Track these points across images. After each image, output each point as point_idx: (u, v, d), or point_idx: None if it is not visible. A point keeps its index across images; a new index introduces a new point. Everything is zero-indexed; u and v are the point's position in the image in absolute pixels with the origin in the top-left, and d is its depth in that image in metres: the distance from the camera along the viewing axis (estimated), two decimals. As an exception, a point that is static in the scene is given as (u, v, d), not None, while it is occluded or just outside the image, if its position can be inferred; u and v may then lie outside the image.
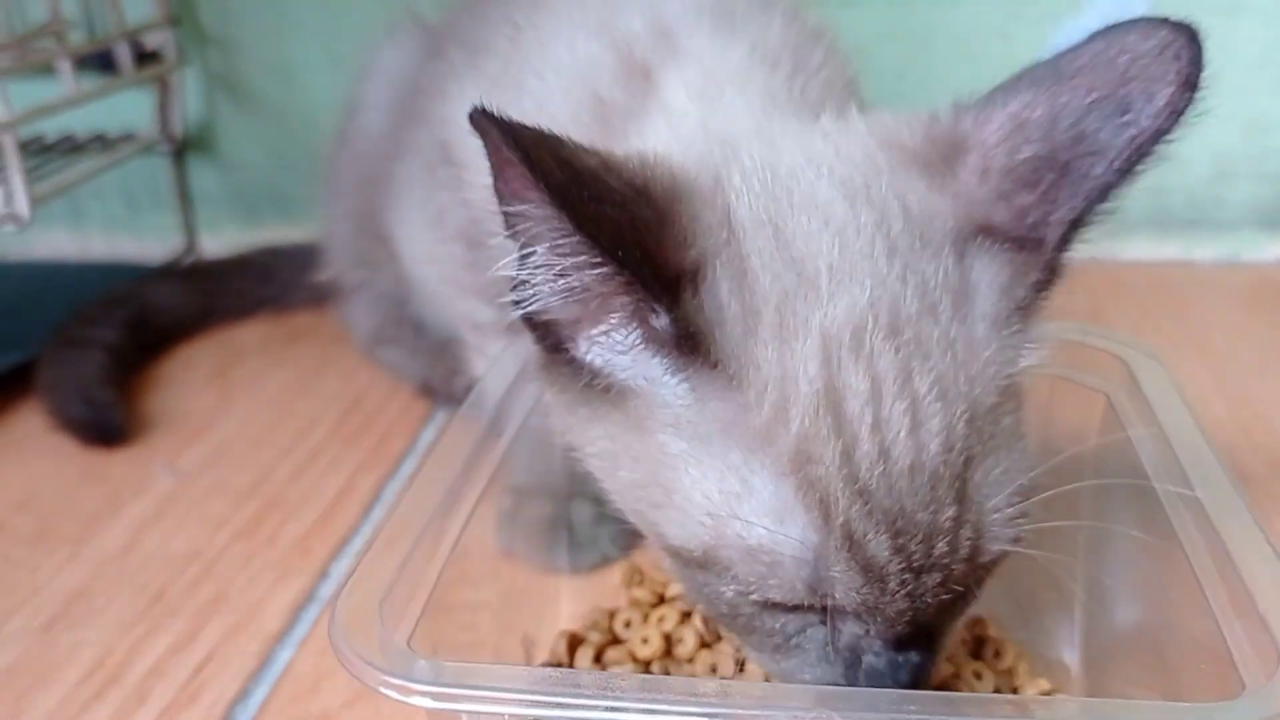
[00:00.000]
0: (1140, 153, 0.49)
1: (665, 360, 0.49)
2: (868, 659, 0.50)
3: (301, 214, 1.38)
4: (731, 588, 0.49)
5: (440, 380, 1.03)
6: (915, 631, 0.49)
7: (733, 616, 0.52)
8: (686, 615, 0.67)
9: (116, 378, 1.07)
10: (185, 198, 1.44)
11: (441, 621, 0.55)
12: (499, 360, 0.73)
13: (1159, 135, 0.48)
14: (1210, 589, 0.48)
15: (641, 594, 0.70)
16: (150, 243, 1.46)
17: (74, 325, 1.11)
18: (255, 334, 1.23)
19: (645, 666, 0.64)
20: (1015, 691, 0.62)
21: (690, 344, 0.48)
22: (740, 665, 0.63)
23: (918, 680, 0.50)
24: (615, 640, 0.67)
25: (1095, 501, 0.62)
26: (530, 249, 0.47)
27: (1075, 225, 0.50)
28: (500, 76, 0.72)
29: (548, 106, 0.67)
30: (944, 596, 0.48)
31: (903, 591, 0.47)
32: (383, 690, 0.43)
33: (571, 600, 0.74)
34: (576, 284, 0.47)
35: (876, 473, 0.46)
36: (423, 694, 0.43)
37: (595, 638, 0.66)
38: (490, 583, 0.69)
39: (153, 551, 0.85)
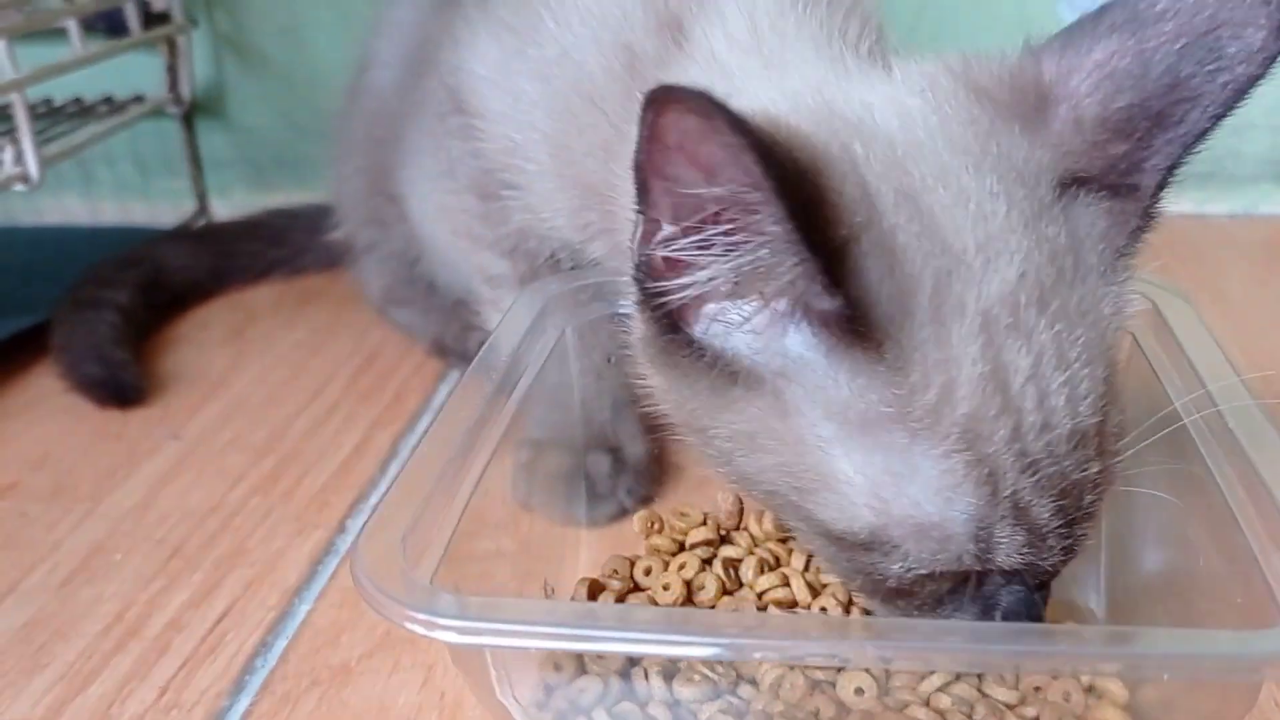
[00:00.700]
0: (1236, 98, 0.49)
1: (825, 344, 0.48)
2: (1006, 602, 0.51)
3: (311, 178, 1.37)
4: (899, 564, 0.50)
5: (454, 339, 1.02)
6: (1055, 573, 0.52)
7: (893, 590, 0.52)
8: (707, 562, 0.67)
9: (130, 338, 1.07)
10: (195, 162, 1.44)
11: (462, 570, 0.55)
12: (512, 310, 0.72)
13: (1253, 81, 0.49)
14: (1246, 523, 0.47)
15: (661, 541, 0.69)
16: (161, 207, 1.46)
17: (87, 286, 1.11)
18: (268, 296, 1.23)
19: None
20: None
21: (857, 325, 0.47)
22: (763, 610, 0.63)
23: (1043, 613, 0.52)
24: (636, 588, 0.67)
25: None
26: (701, 228, 0.45)
27: (1171, 170, 0.51)
28: (515, 21, 0.71)
29: (575, 55, 0.66)
30: (1086, 540, 0.51)
31: (1060, 545, 0.49)
32: (408, 625, 0.43)
33: (591, 549, 0.74)
34: (749, 267, 0.46)
35: (1042, 444, 0.48)
36: (448, 628, 0.42)
37: (616, 585, 0.66)
38: (510, 532, 0.68)
39: (170, 507, 0.85)
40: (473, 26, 0.75)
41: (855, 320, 0.47)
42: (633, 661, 0.57)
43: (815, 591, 0.64)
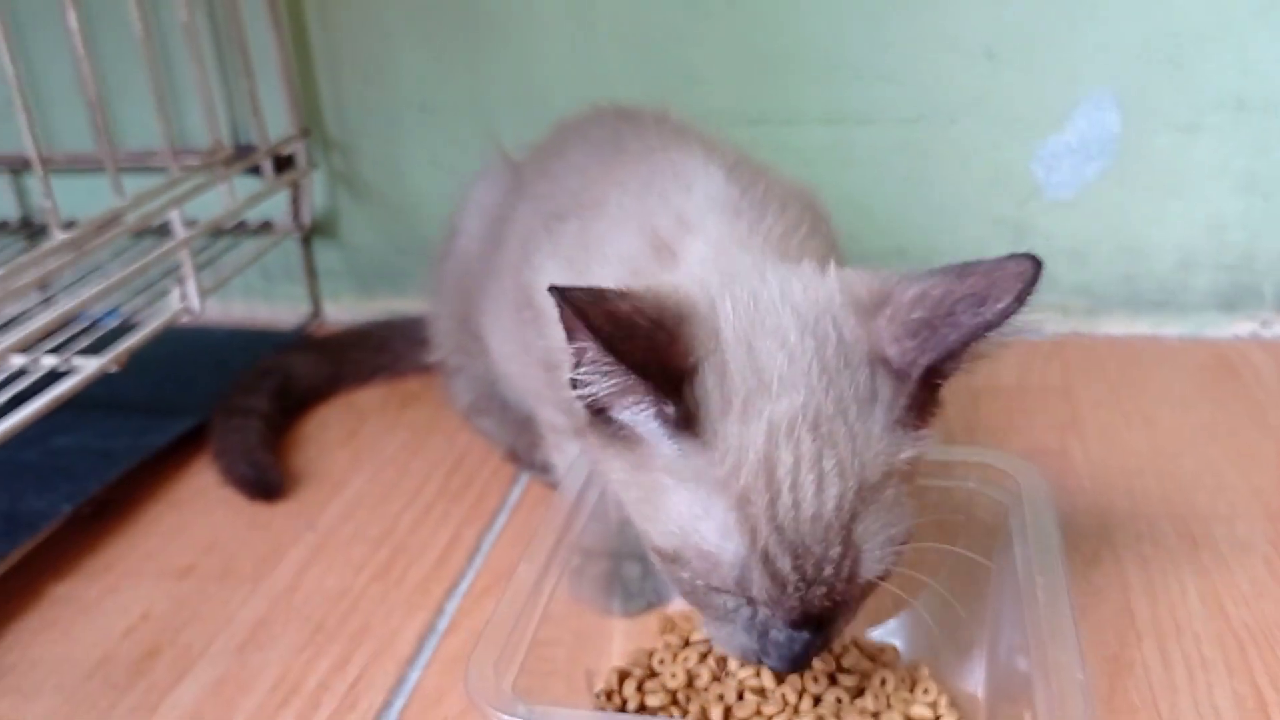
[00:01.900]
0: (975, 334, 0.72)
1: (667, 429, 0.75)
2: (773, 633, 0.75)
3: (407, 288, 1.68)
4: (688, 574, 0.76)
5: (524, 450, 1.28)
6: (806, 620, 0.74)
7: (690, 593, 0.78)
8: (704, 655, 0.93)
9: (270, 442, 1.35)
10: (312, 273, 1.73)
11: (533, 656, 0.82)
12: (575, 465, 0.99)
13: (990, 327, 0.71)
14: (1033, 655, 0.72)
15: (672, 639, 0.95)
16: (282, 309, 1.76)
17: (234, 395, 1.40)
18: (375, 397, 1.51)
19: (673, 695, 0.90)
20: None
21: (686, 422, 0.73)
22: (740, 694, 0.89)
23: (807, 651, 0.75)
24: (653, 674, 0.93)
25: (997, 581, 0.88)
26: (589, 365, 0.73)
27: (929, 370, 0.74)
28: (571, 256, 0.97)
29: (604, 284, 0.93)
30: (826, 603, 0.73)
31: (796, 595, 0.72)
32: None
33: (622, 640, 1.00)
34: (617, 386, 0.73)
35: (789, 518, 0.71)
36: (523, 725, 0.70)
37: (637, 672, 0.92)
38: (564, 627, 0.94)
39: (312, 590, 1.13)
40: (543, 252, 1.01)
41: (687, 418, 0.73)
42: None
43: (779, 680, 0.90)
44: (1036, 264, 0.72)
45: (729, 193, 0.93)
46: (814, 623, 0.75)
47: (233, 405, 1.38)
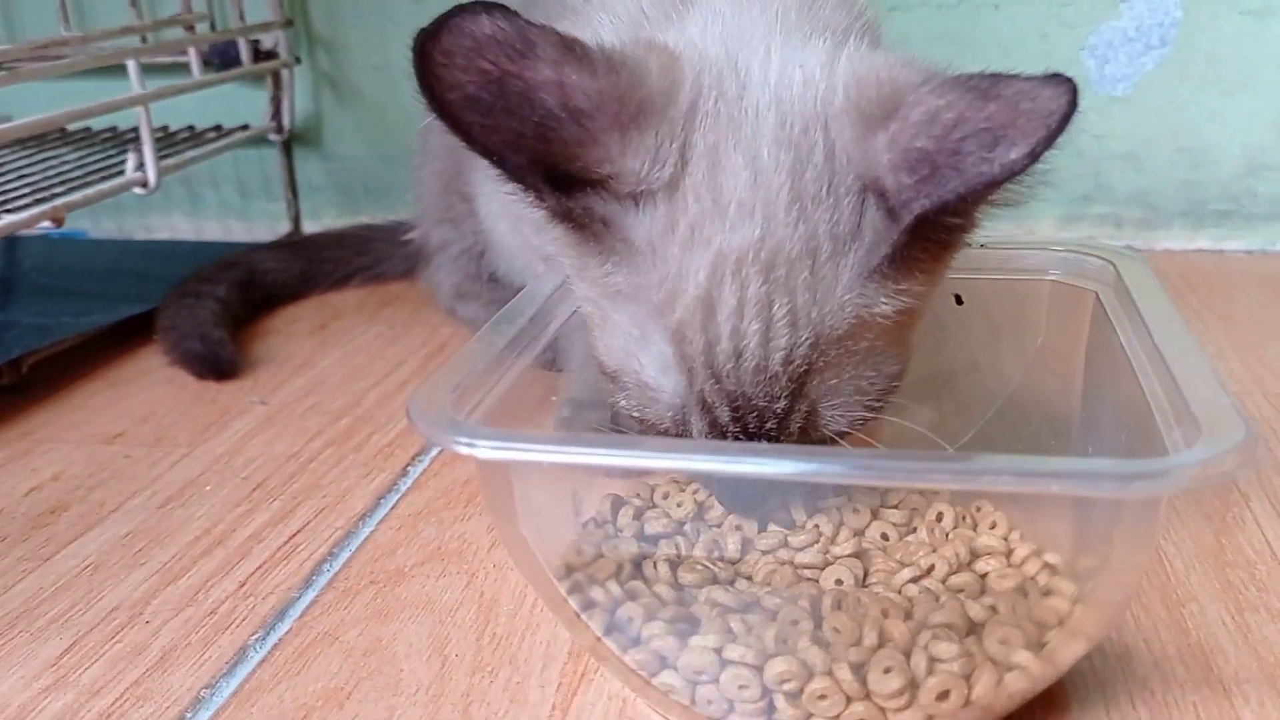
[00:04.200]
0: (977, 186, 0.54)
1: (573, 234, 0.63)
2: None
3: (396, 203, 1.53)
4: (623, 401, 0.66)
5: (514, 331, 1.13)
6: None
7: (626, 422, 0.69)
8: (715, 489, 0.76)
9: (227, 324, 1.20)
10: (292, 187, 1.59)
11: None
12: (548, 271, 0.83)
13: (995, 183, 0.53)
14: (1157, 408, 0.56)
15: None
16: (259, 227, 1.61)
17: (191, 282, 1.25)
18: (352, 298, 1.36)
19: (679, 526, 0.73)
20: (1009, 555, 0.69)
21: (580, 222, 0.61)
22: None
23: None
24: (653, 506, 0.76)
25: (1090, 379, 0.72)
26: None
27: (919, 221, 0.56)
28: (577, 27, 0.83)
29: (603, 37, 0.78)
30: None
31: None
32: (454, 447, 0.53)
33: (619, 486, 0.83)
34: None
35: (729, 367, 0.60)
36: (483, 447, 0.53)
37: (636, 501, 0.75)
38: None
39: (256, 453, 0.97)
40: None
41: (574, 218, 0.61)
42: (644, 557, 0.67)
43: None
44: (1070, 97, 0.52)
45: None
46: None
47: (187, 290, 1.23)
